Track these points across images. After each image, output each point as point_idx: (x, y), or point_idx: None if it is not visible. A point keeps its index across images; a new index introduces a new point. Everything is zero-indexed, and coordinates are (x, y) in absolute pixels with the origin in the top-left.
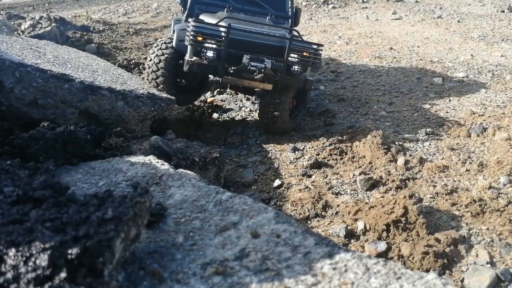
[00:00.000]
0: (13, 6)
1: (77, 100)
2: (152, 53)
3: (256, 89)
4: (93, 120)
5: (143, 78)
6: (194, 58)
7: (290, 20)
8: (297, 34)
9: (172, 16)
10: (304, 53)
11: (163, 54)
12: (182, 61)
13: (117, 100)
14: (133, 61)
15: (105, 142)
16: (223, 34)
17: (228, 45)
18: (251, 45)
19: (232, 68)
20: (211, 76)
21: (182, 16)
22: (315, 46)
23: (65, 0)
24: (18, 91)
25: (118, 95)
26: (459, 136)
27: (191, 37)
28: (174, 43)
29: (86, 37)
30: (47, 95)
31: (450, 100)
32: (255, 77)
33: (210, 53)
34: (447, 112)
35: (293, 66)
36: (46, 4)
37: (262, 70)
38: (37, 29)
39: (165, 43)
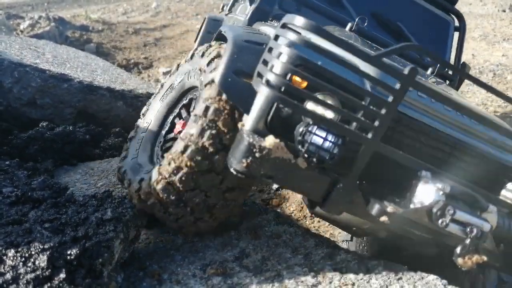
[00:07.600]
0: (12, 5)
1: (76, 100)
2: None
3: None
4: (92, 120)
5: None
6: (273, 139)
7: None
8: None
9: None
10: None
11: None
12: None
13: (116, 100)
14: (132, 60)
15: (104, 142)
16: (385, 97)
17: (385, 129)
18: (450, 150)
19: (381, 203)
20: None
21: (229, 14)
22: None
23: (64, 0)
24: (17, 91)
25: (117, 95)
26: None
27: (282, 70)
28: (218, 78)
29: (85, 36)
30: (46, 95)
31: None
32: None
33: (328, 139)
34: None
35: None
36: (45, 4)
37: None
38: (36, 28)
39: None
